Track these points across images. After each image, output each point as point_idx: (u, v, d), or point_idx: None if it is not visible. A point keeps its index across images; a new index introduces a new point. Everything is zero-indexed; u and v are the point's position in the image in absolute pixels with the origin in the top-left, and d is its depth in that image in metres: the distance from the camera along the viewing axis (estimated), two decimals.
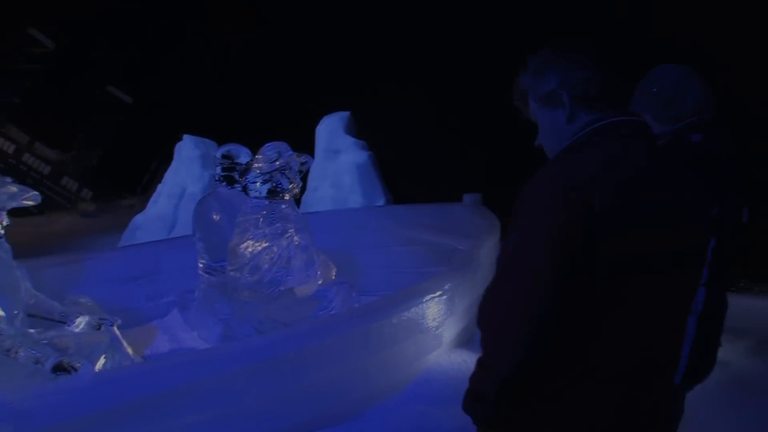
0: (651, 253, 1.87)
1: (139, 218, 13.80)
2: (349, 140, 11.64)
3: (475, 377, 2.06)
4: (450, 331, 5.28)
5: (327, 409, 4.33)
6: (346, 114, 12.06)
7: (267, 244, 5.42)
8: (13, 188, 4.43)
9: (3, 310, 4.17)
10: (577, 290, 1.83)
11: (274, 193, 5.49)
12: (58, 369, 3.80)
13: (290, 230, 5.48)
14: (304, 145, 5.75)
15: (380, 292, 7.23)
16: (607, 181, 1.83)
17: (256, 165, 5.51)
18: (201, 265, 6.51)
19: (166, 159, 14.81)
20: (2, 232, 4.49)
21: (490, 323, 2.00)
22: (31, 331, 4.62)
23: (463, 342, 5.59)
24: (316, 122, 12.23)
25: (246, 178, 5.57)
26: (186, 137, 13.64)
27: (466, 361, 5.14)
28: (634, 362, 1.94)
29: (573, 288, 1.82)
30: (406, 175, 12.05)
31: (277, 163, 5.42)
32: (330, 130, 11.86)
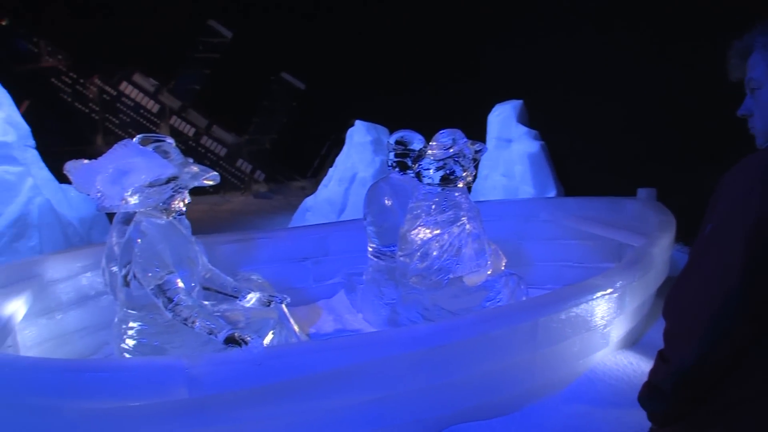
0: None
1: (309, 200, 14.12)
2: (522, 129, 11.43)
3: (654, 369, 1.99)
4: (618, 331, 5.09)
5: (486, 401, 4.28)
6: (519, 102, 11.86)
7: (438, 232, 5.38)
8: (195, 168, 4.58)
9: (183, 281, 4.33)
10: None
11: (447, 181, 5.44)
12: (230, 341, 3.90)
13: (462, 218, 5.41)
14: (475, 133, 5.66)
15: (548, 286, 7.14)
16: None
17: (430, 151, 5.47)
18: (370, 249, 6.58)
19: (337, 144, 15.04)
20: (184, 209, 4.66)
21: (674, 313, 1.89)
22: (206, 303, 4.79)
23: (630, 343, 5.37)
24: (488, 110, 12.11)
25: (419, 165, 5.54)
26: (358, 123, 13.80)
27: (632, 363, 4.94)
28: None
29: (765, 286, 1.69)
30: (579, 166, 11.74)
31: (451, 150, 5.36)
32: (502, 118, 11.68)
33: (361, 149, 13.41)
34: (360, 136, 13.54)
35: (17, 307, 5.35)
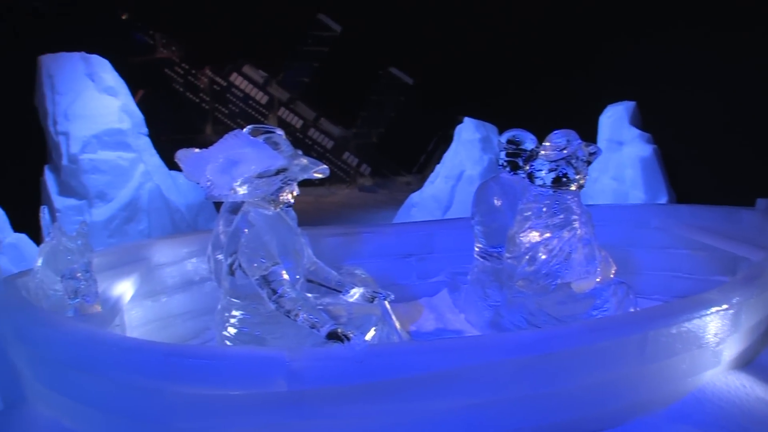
0: None
1: (415, 196, 14.11)
2: (634, 132, 11.15)
3: None
4: (731, 350, 4.79)
5: (587, 414, 4.16)
6: (632, 104, 11.56)
7: (548, 235, 5.25)
8: (305, 161, 4.58)
9: (287, 273, 4.34)
10: None
11: (559, 183, 5.29)
12: (333, 336, 3.88)
13: (573, 223, 5.27)
14: (585, 134, 5.50)
15: (655, 296, 6.91)
16: None
17: (542, 152, 5.34)
18: (477, 249, 6.49)
19: (444, 140, 15.00)
20: (292, 201, 4.66)
21: None
22: (309, 295, 4.79)
23: (743, 364, 5.05)
24: (599, 111, 11.86)
25: (531, 165, 5.42)
26: (467, 120, 13.70)
27: (745, 386, 4.65)
28: None
29: None
30: (693, 172, 11.38)
31: (565, 151, 5.22)
32: (614, 120, 11.42)
33: (470, 147, 13.32)
34: (469, 134, 13.44)
35: (126, 289, 5.52)
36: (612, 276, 5.62)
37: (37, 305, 4.98)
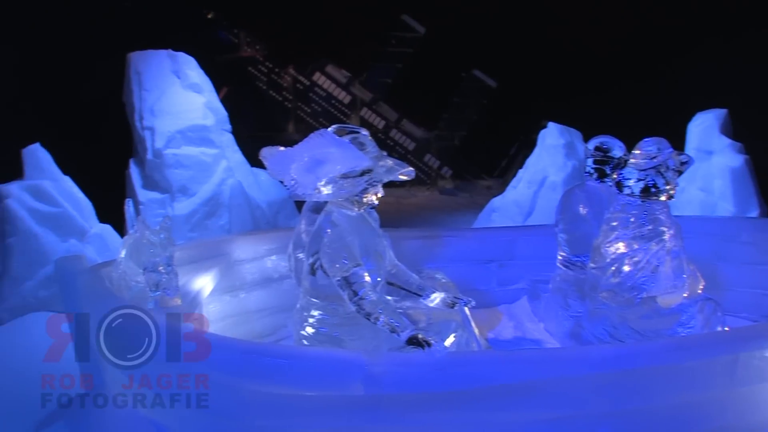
0: None
1: (496, 201, 14.00)
2: (724, 141, 10.84)
3: None
4: None
5: None
6: (722, 112, 11.24)
7: (635, 247, 5.10)
8: (390, 162, 4.54)
9: (369, 275, 4.30)
10: None
11: (648, 193, 5.12)
12: (413, 341, 3.84)
13: (662, 235, 5.11)
14: (672, 142, 5.33)
15: (745, 315, 6.66)
16: None
17: (632, 160, 5.18)
18: (560, 258, 6.36)
19: (527, 145, 14.86)
20: (376, 202, 4.63)
21: None
22: (389, 298, 4.74)
23: None
24: (688, 118, 11.56)
25: (620, 174, 5.26)
26: (551, 125, 13.53)
27: None
28: None
29: None
30: None
31: (656, 160, 5.06)
32: (704, 128, 11.13)
33: (553, 152, 13.13)
34: (552, 139, 13.27)
35: (205, 283, 5.60)
36: (699, 292, 5.42)
37: (120, 296, 5.06)
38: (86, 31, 16.94)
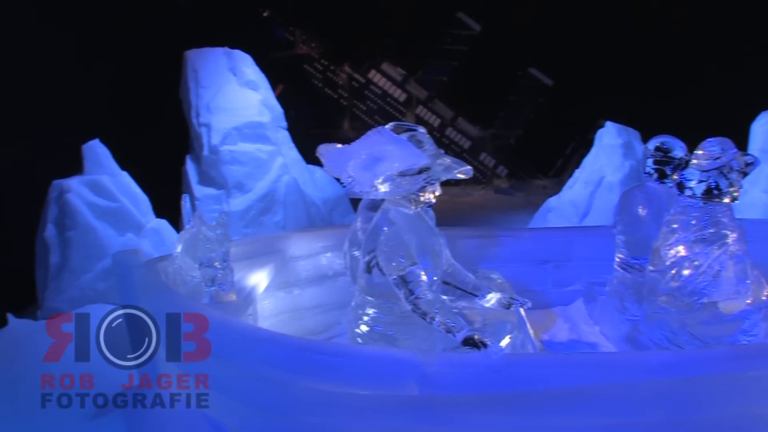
0: None
1: (552, 201, 13.88)
2: None
3: None
4: None
5: None
6: None
7: (696, 250, 4.97)
8: (448, 161, 4.51)
9: (425, 274, 4.27)
10: None
11: (710, 195, 4.99)
12: (469, 342, 3.79)
13: (725, 238, 4.97)
14: (735, 143, 5.18)
15: None
16: None
17: (694, 161, 5.05)
18: (617, 260, 6.24)
19: (583, 145, 14.72)
20: (433, 201, 4.59)
21: None
22: (444, 298, 4.70)
23: None
24: (751, 117, 11.30)
25: (681, 175, 5.14)
26: (608, 124, 13.39)
27: None
28: None
29: None
30: None
31: (719, 161, 4.93)
32: None
33: (611, 152, 12.99)
34: (610, 138, 13.12)
35: (260, 279, 5.65)
36: (764, 298, 5.27)
37: (175, 290, 5.12)
38: (144, 30, 17.22)
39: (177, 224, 10.70)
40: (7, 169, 12.82)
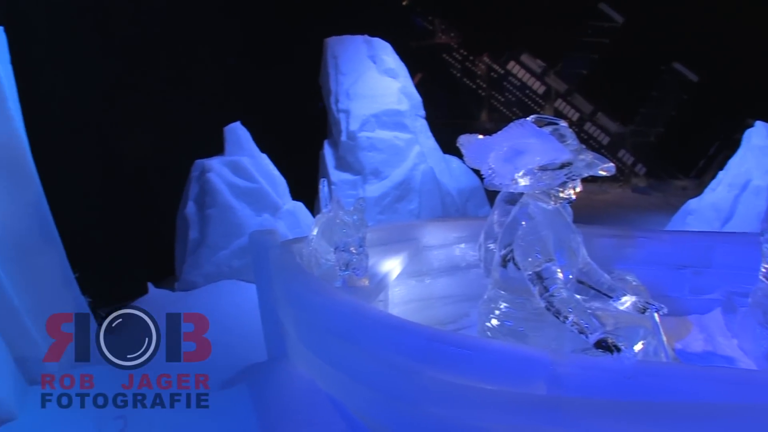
0: None
1: (692, 203, 13.38)
2: None
3: None
4: None
5: None
6: None
7: None
8: (590, 156, 4.42)
9: (561, 271, 4.21)
10: None
11: None
12: (601, 345, 3.71)
13: None
14: None
15: None
16: None
17: None
18: (763, 270, 5.91)
19: (728, 145, 14.16)
20: (573, 197, 4.51)
21: None
22: (578, 297, 4.62)
23: None
24: None
25: None
26: (758, 124, 12.78)
27: None
28: None
29: None
30: None
31: None
32: None
33: (759, 154, 12.42)
34: (760, 139, 12.54)
35: (393, 266, 5.71)
36: None
37: (309, 272, 5.23)
38: (286, 17, 17.59)
39: (312, 207, 10.93)
40: (153, 149, 13.40)
